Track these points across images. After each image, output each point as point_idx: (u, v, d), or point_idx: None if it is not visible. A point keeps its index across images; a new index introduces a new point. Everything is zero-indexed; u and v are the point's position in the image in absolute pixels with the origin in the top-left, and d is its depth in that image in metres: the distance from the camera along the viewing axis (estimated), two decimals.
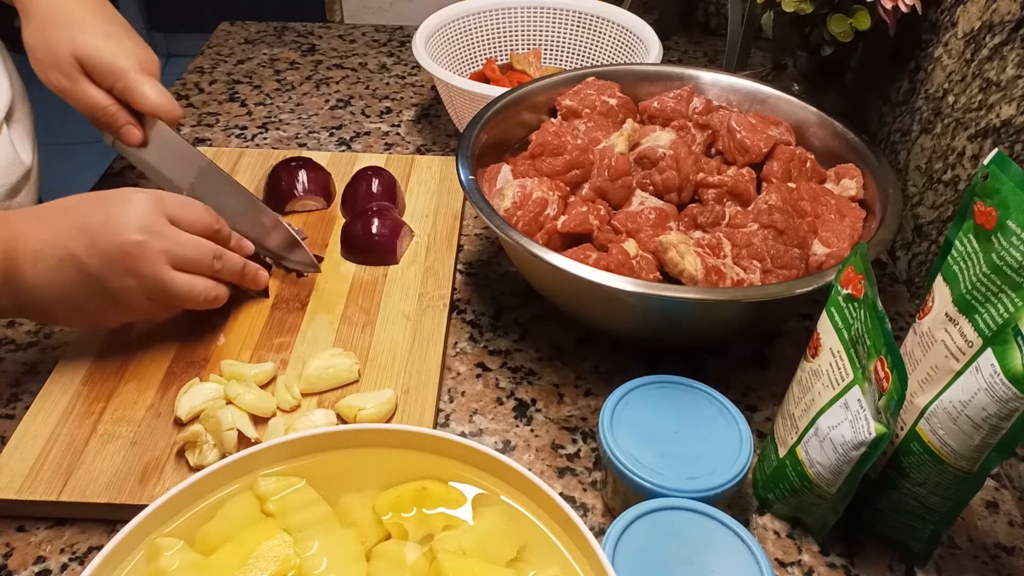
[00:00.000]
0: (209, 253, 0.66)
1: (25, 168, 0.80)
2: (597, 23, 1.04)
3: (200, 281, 0.66)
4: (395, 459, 0.47)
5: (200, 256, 0.65)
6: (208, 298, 0.67)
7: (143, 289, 0.63)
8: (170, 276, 0.63)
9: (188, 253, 0.64)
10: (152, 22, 3.07)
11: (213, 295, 0.67)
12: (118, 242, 0.60)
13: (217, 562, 0.42)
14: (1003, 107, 0.70)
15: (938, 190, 0.79)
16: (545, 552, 0.43)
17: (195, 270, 0.65)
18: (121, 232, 0.61)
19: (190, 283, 0.65)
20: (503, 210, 0.69)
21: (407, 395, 0.66)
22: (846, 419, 0.52)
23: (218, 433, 0.60)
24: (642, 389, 0.60)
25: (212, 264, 0.66)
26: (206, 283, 0.66)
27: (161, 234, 0.62)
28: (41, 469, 0.59)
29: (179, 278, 0.64)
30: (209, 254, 0.66)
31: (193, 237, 0.65)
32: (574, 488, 0.63)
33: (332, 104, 1.09)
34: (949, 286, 0.51)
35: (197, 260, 0.65)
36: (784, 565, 0.58)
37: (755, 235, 0.67)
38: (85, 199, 0.63)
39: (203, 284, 0.66)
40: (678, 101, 0.81)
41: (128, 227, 0.61)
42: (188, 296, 0.65)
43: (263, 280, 0.73)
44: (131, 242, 0.61)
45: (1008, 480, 0.65)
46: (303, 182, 0.84)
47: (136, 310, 0.65)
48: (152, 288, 0.63)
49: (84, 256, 0.60)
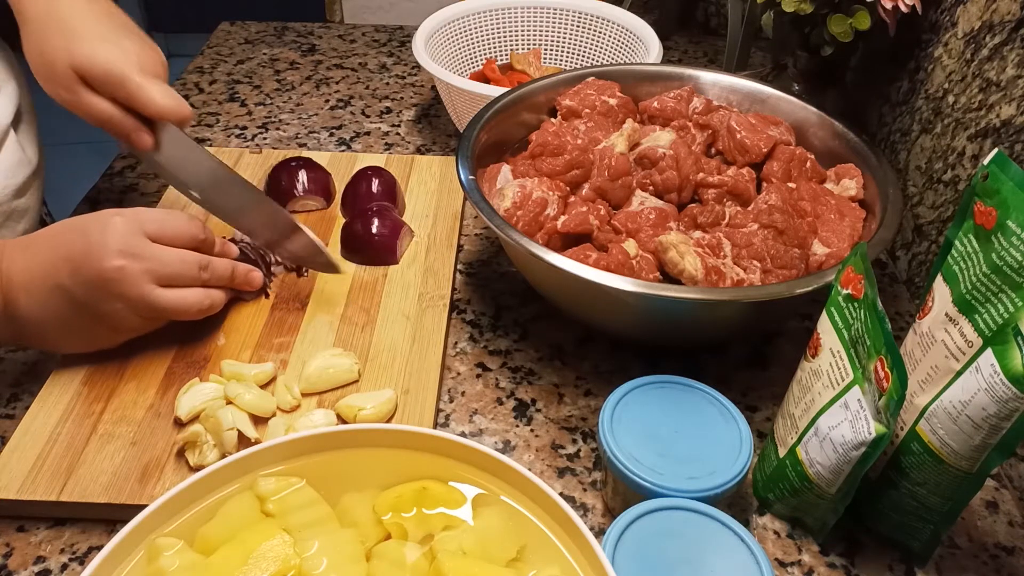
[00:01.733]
0: (194, 265, 0.65)
1: (32, 168, 0.80)
2: (597, 23, 1.04)
3: (190, 293, 0.65)
4: (395, 459, 0.47)
5: (185, 270, 0.65)
6: (201, 308, 0.66)
7: (132, 311, 0.63)
8: (156, 295, 0.63)
9: (171, 269, 0.64)
10: (152, 22, 3.07)
11: (207, 304, 0.67)
12: (99, 268, 0.61)
13: (217, 562, 0.42)
14: (1003, 107, 0.70)
15: (938, 190, 0.79)
16: (545, 552, 0.43)
17: (182, 283, 0.65)
18: (102, 259, 0.61)
19: (179, 298, 0.64)
20: (503, 210, 0.69)
21: (407, 395, 0.66)
22: (846, 419, 0.52)
23: (218, 433, 0.60)
24: (642, 389, 0.60)
25: (199, 275, 0.66)
26: (196, 294, 0.66)
27: (141, 255, 0.62)
28: (41, 469, 0.59)
29: (166, 295, 0.64)
30: (194, 266, 0.65)
31: (176, 251, 0.64)
32: (574, 488, 0.63)
33: (332, 104, 1.09)
34: (949, 286, 0.51)
35: (182, 274, 0.65)
36: (784, 565, 0.58)
37: (755, 235, 0.67)
38: (66, 227, 0.63)
39: (193, 296, 0.66)
40: (678, 101, 0.81)
41: (108, 253, 0.61)
42: (178, 311, 0.65)
43: (256, 280, 0.73)
44: (112, 268, 0.61)
45: (1008, 480, 0.65)
46: (303, 182, 0.84)
47: (132, 329, 0.65)
48: (141, 309, 0.63)
49: (70, 285, 0.61)
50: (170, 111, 0.68)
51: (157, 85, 0.67)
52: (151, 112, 0.67)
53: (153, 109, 0.67)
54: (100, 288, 0.61)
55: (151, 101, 0.67)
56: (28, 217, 0.80)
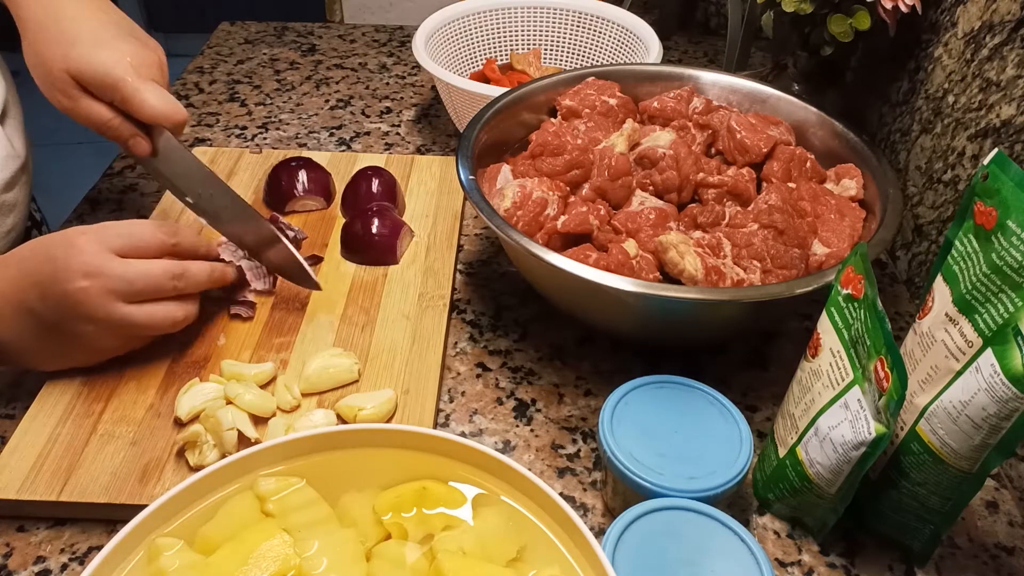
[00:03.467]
0: (165, 275, 0.64)
1: (20, 162, 0.79)
2: (597, 23, 1.04)
3: (160, 308, 0.64)
4: (395, 459, 0.47)
5: (153, 283, 0.63)
6: (175, 321, 0.65)
7: (104, 331, 0.62)
8: (123, 313, 0.62)
9: (138, 285, 0.62)
10: (152, 22, 3.07)
11: (180, 316, 0.65)
12: (64, 291, 0.60)
13: (217, 562, 0.42)
14: (1003, 107, 0.70)
15: (938, 190, 0.79)
16: (545, 552, 0.43)
17: (154, 296, 0.64)
18: (65, 281, 0.60)
19: (148, 314, 0.63)
20: (503, 210, 0.69)
21: (407, 395, 0.66)
22: (846, 419, 0.52)
23: (218, 433, 0.60)
24: (642, 389, 0.60)
25: (170, 284, 0.64)
26: (167, 308, 0.64)
27: (105, 274, 0.61)
28: (41, 469, 0.59)
29: (134, 313, 0.62)
30: (165, 276, 0.64)
31: (142, 265, 0.63)
32: (574, 488, 0.63)
33: (332, 104, 1.09)
34: (949, 286, 0.51)
35: (152, 288, 0.63)
36: (784, 565, 0.58)
37: (755, 235, 0.67)
38: (35, 248, 0.62)
39: (163, 311, 0.64)
40: (678, 101, 0.81)
41: (71, 275, 0.60)
42: (150, 326, 0.64)
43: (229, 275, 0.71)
44: (76, 289, 0.60)
45: (1008, 480, 0.65)
46: (303, 182, 0.84)
47: (110, 349, 0.65)
48: (111, 328, 0.62)
49: (40, 308, 0.61)
50: (164, 115, 0.67)
51: (152, 89, 0.66)
52: (145, 116, 0.67)
53: (148, 113, 0.66)
54: (67, 309, 0.60)
55: (145, 105, 0.66)
56: (16, 212, 0.79)
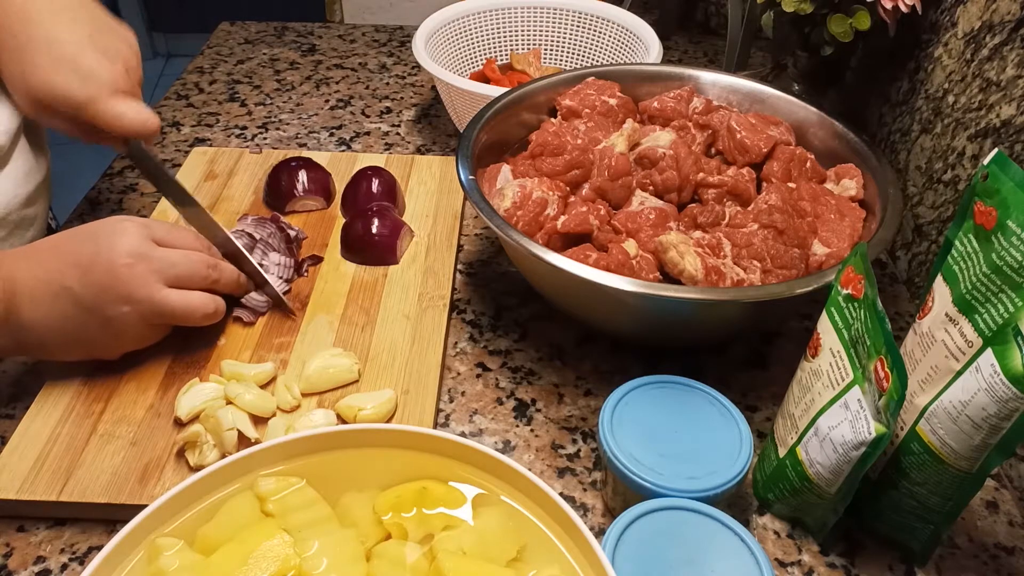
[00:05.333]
0: (203, 264, 0.66)
1: (42, 176, 0.80)
2: (597, 23, 1.04)
3: (196, 296, 0.65)
4: (395, 459, 0.47)
5: (193, 268, 0.65)
6: (206, 313, 0.66)
7: (139, 314, 0.63)
8: (163, 295, 0.63)
9: (180, 269, 0.64)
10: (152, 22, 3.06)
11: (212, 309, 0.67)
12: (110, 267, 0.61)
13: (217, 562, 0.42)
14: (1003, 107, 0.70)
15: (938, 190, 0.79)
16: (545, 552, 0.43)
17: (190, 284, 0.65)
18: (111, 259, 0.61)
19: (185, 300, 0.65)
20: (503, 210, 0.69)
21: (407, 395, 0.66)
22: (846, 419, 0.52)
23: (218, 433, 0.60)
24: (642, 389, 0.60)
25: (208, 274, 0.66)
26: (203, 298, 0.66)
27: (150, 256, 0.63)
28: (41, 469, 0.59)
29: (173, 296, 0.64)
30: (203, 264, 0.66)
31: (184, 252, 0.65)
32: (574, 488, 0.63)
33: (332, 104, 1.09)
34: (949, 286, 0.51)
35: (191, 273, 0.65)
36: (784, 565, 0.58)
37: (755, 235, 0.67)
38: (74, 235, 0.63)
39: (199, 299, 0.66)
40: (678, 101, 0.81)
41: (117, 254, 0.61)
42: (185, 313, 0.65)
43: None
44: (123, 265, 0.61)
45: (1008, 480, 0.65)
46: (303, 182, 0.84)
47: (134, 337, 0.65)
48: (148, 310, 0.63)
49: (78, 289, 0.61)
50: (132, 129, 0.67)
51: (116, 106, 0.66)
52: (116, 135, 0.68)
53: (118, 132, 0.67)
54: (109, 290, 0.61)
55: (110, 124, 0.67)
56: (36, 225, 0.80)
